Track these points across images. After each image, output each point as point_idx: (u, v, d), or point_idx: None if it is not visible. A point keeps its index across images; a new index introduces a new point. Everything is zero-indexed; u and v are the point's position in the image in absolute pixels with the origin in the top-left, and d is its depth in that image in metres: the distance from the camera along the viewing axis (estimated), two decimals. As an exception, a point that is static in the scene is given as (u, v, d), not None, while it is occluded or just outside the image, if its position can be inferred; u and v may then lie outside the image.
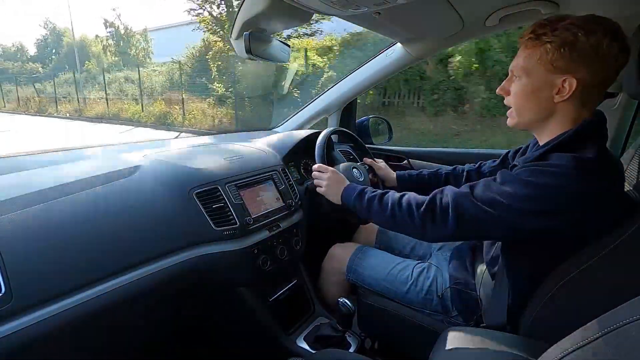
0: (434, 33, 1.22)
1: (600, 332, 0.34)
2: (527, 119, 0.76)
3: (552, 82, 0.69)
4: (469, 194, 0.73)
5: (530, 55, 0.71)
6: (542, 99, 0.72)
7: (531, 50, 0.71)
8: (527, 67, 0.72)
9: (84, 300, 0.67)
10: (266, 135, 1.52)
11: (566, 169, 0.64)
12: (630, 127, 1.23)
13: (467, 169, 1.16)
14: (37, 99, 15.81)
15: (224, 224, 0.94)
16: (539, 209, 0.66)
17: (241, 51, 1.02)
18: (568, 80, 0.67)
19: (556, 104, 0.71)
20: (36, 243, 0.65)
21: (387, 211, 0.84)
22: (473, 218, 0.71)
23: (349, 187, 0.96)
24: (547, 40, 0.68)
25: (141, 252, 0.78)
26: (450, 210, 0.73)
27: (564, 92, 0.69)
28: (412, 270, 1.04)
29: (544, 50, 0.68)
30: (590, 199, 0.65)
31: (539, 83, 0.71)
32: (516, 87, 0.75)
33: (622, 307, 0.35)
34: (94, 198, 0.76)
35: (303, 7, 0.89)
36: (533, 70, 0.71)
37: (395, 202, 0.83)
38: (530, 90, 0.73)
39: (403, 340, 1.07)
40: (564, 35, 0.66)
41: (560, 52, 0.67)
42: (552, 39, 0.67)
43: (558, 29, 0.67)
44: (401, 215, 0.81)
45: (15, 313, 0.59)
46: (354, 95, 1.63)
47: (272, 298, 1.13)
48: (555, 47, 0.67)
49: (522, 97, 0.75)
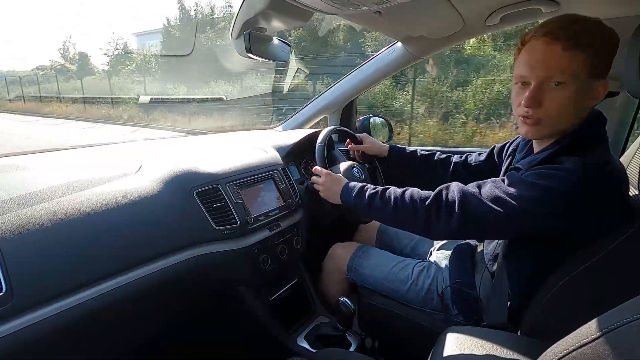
0: (434, 32, 1.22)
1: (600, 332, 0.34)
2: (561, 128, 0.71)
3: (591, 87, 0.68)
4: (477, 192, 0.72)
5: (571, 60, 0.66)
6: (582, 105, 0.69)
7: (571, 54, 0.66)
8: (571, 73, 0.66)
9: (84, 300, 0.67)
10: (267, 135, 1.52)
11: (575, 172, 0.64)
12: (631, 126, 1.23)
13: (454, 160, 1.17)
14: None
15: (224, 224, 0.94)
16: (547, 212, 0.66)
17: (241, 50, 1.02)
18: (603, 84, 0.67)
19: (588, 108, 0.70)
20: (37, 242, 0.64)
21: (390, 207, 0.81)
22: (479, 216, 0.70)
23: (347, 186, 0.94)
24: (588, 44, 0.65)
25: (141, 251, 0.78)
26: (457, 207, 0.72)
27: (599, 97, 0.68)
28: (413, 270, 1.04)
29: (587, 55, 0.65)
30: (594, 202, 0.65)
31: (581, 90, 0.67)
32: (556, 96, 0.68)
33: (622, 307, 0.35)
34: (95, 197, 0.76)
35: (303, 6, 0.89)
36: (577, 76, 0.66)
37: (398, 197, 0.81)
38: (574, 98, 0.68)
39: (403, 339, 1.07)
40: (598, 38, 0.66)
41: (601, 57, 0.66)
42: (591, 41, 0.65)
43: (594, 32, 0.66)
44: (404, 210, 0.79)
45: (15, 312, 0.59)
46: (355, 95, 1.63)
47: (272, 297, 1.14)
48: (596, 51, 0.66)
49: (565, 106, 0.68)
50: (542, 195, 0.66)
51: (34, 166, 0.89)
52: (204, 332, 1.13)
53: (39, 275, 0.63)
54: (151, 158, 1.00)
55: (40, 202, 0.70)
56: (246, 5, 0.93)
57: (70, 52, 22.35)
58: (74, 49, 23.08)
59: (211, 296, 1.03)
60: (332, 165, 1.24)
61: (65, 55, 22.10)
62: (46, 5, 47.58)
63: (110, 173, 0.87)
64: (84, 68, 19.80)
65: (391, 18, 1.06)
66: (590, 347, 0.34)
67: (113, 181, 0.84)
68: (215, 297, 1.05)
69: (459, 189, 0.75)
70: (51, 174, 0.83)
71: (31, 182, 0.75)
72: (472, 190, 0.73)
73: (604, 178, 0.65)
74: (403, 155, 1.23)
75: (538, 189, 0.66)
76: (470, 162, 1.13)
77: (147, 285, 0.77)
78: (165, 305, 0.88)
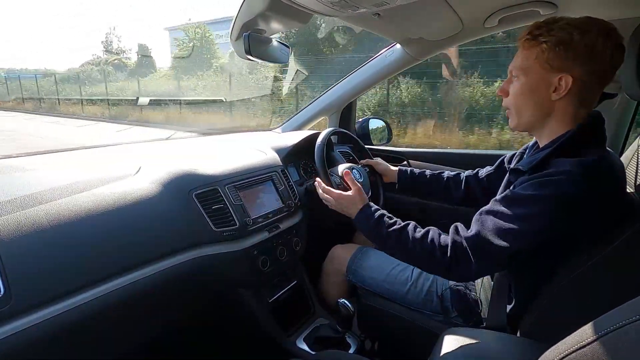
0: (433, 34, 1.22)
1: (599, 333, 0.34)
2: (526, 118, 0.77)
3: (549, 80, 0.71)
4: (484, 233, 0.71)
5: (527, 56, 0.73)
6: (540, 97, 0.73)
7: (528, 51, 0.73)
8: (524, 66, 0.74)
9: (83, 302, 0.67)
10: (266, 136, 1.52)
11: (569, 174, 0.65)
12: (629, 128, 1.23)
13: (466, 175, 1.16)
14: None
15: (223, 225, 0.94)
16: (551, 220, 0.66)
17: (241, 52, 1.02)
18: (564, 78, 0.69)
19: (554, 102, 0.72)
20: (35, 244, 0.64)
21: (407, 248, 0.80)
22: (496, 257, 0.71)
23: (364, 212, 0.89)
24: (544, 40, 0.70)
25: (141, 253, 0.78)
26: (471, 254, 0.72)
27: (560, 90, 0.70)
28: (412, 271, 1.04)
29: (540, 50, 0.70)
30: (595, 202, 0.65)
31: (536, 82, 0.73)
32: (514, 87, 0.77)
33: (621, 308, 0.35)
34: (94, 199, 0.76)
35: (302, 8, 0.89)
36: (530, 69, 0.73)
37: (417, 241, 0.79)
38: (528, 90, 0.74)
39: (403, 341, 1.07)
40: (559, 34, 0.68)
41: (556, 51, 0.69)
42: (548, 38, 0.69)
43: (554, 29, 0.69)
44: (421, 256, 0.78)
45: (14, 314, 0.59)
46: (354, 96, 1.63)
47: (272, 299, 1.13)
48: (551, 46, 0.69)
49: (520, 97, 0.76)
50: (542, 207, 0.66)
51: (33, 167, 0.89)
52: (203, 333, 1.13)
53: (37, 277, 0.63)
54: (150, 160, 1.00)
55: (39, 204, 0.70)
56: (245, 7, 0.93)
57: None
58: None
59: (210, 298, 1.03)
60: (332, 167, 1.24)
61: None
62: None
63: (109, 175, 0.87)
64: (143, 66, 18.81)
65: (390, 20, 1.06)
66: (589, 349, 0.34)
67: (112, 183, 0.84)
68: (214, 299, 1.05)
69: (467, 236, 0.74)
70: (50, 175, 0.83)
71: (30, 183, 0.75)
72: (477, 231, 0.72)
73: (603, 173, 0.67)
74: (413, 178, 1.21)
75: (537, 202, 0.66)
76: (482, 175, 1.12)
77: (146, 287, 0.77)
78: (165, 307, 0.88)
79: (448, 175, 1.18)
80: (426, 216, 1.51)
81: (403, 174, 1.24)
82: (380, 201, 1.31)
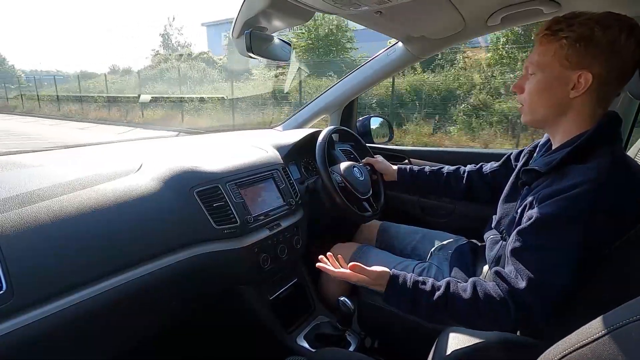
0: (435, 32, 1.22)
1: (600, 333, 0.34)
2: (540, 116, 0.75)
3: (567, 77, 0.69)
4: (537, 277, 0.63)
5: (545, 51, 0.70)
6: (557, 95, 0.71)
7: (546, 46, 0.70)
8: (542, 62, 0.71)
9: (84, 298, 0.67)
10: (267, 134, 1.52)
11: (586, 184, 0.63)
12: (632, 127, 1.23)
13: (468, 170, 1.15)
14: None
15: (224, 223, 0.94)
16: (593, 232, 0.63)
17: (242, 50, 1.02)
18: (584, 75, 0.67)
19: (572, 99, 0.70)
20: (37, 241, 0.65)
21: (455, 316, 0.69)
22: (557, 293, 0.64)
23: (393, 288, 0.74)
24: (563, 36, 0.67)
25: (142, 250, 0.78)
26: (534, 305, 0.64)
27: (579, 88, 0.68)
28: (413, 270, 1.04)
29: (560, 46, 0.68)
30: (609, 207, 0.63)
31: (553, 79, 0.70)
32: (531, 83, 0.74)
33: (621, 308, 0.35)
34: (96, 196, 0.76)
35: (304, 6, 0.89)
36: (548, 65, 0.70)
37: (465, 309, 0.67)
38: (544, 87, 0.72)
39: (403, 339, 1.07)
40: (580, 30, 0.66)
41: (576, 47, 0.66)
42: (568, 34, 0.67)
43: (574, 25, 0.66)
44: (483, 319, 0.67)
45: (15, 311, 0.59)
46: (355, 94, 1.63)
47: (272, 297, 1.14)
48: (571, 42, 0.66)
49: (536, 94, 0.74)
50: (583, 221, 0.62)
51: (35, 164, 0.89)
52: (204, 330, 1.13)
53: (39, 274, 0.63)
54: (152, 157, 1.00)
55: (41, 200, 0.70)
56: (247, 4, 0.93)
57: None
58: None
59: (211, 295, 1.03)
60: (332, 165, 1.24)
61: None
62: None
63: (111, 171, 0.87)
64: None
65: (392, 18, 1.05)
66: (589, 348, 0.34)
67: (114, 180, 0.84)
68: (215, 296, 1.05)
69: (522, 289, 0.64)
70: (52, 172, 0.83)
71: (32, 180, 0.75)
72: (533, 277, 0.64)
73: (615, 181, 0.64)
74: (413, 175, 1.21)
75: (577, 218, 0.63)
76: (485, 171, 1.11)
77: (147, 283, 0.77)
78: (165, 304, 0.88)
79: (448, 170, 1.18)
80: (426, 214, 1.51)
81: (403, 172, 1.24)
82: (381, 200, 1.31)
